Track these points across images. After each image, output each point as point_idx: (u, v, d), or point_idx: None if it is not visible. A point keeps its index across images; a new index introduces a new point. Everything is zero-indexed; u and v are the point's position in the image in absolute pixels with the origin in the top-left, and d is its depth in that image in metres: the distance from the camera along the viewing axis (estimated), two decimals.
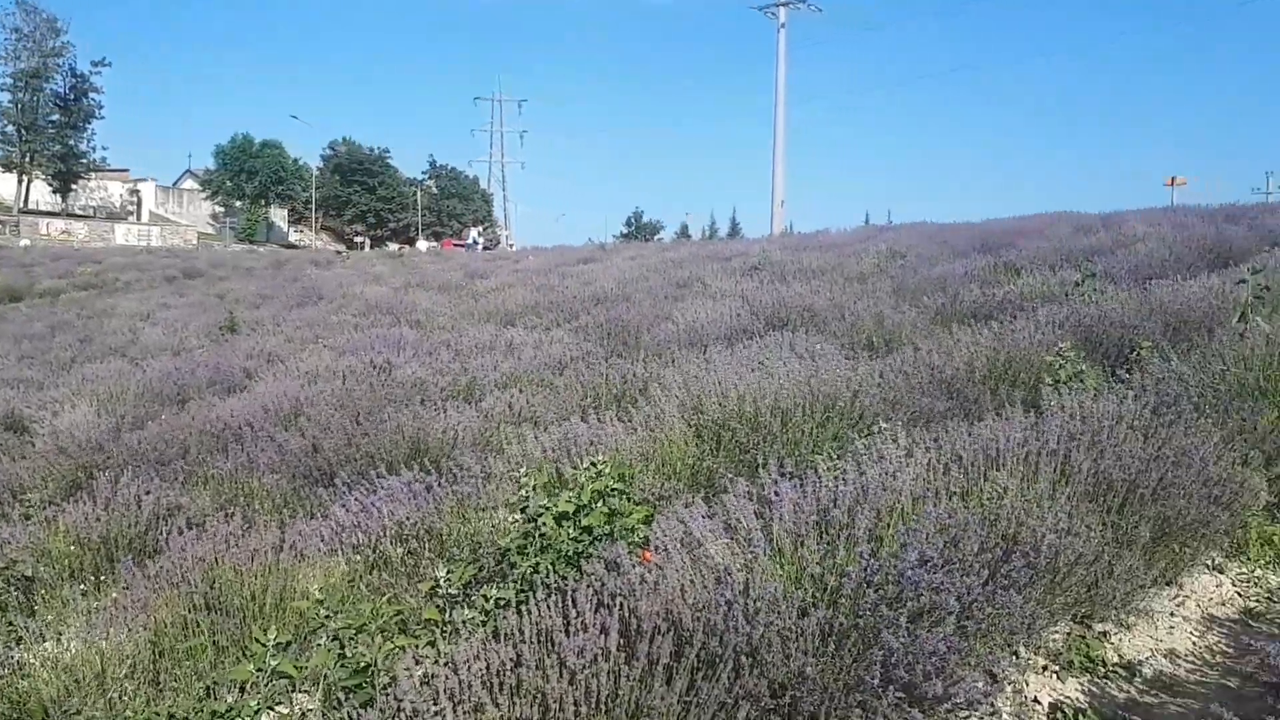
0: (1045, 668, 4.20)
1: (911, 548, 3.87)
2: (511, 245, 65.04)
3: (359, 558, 4.94)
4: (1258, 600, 4.64)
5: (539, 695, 3.11)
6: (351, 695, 3.29)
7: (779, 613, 3.55)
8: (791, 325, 10.58)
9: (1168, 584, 4.75)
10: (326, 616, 3.52)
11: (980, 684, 3.71)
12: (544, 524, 3.85)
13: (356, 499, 5.55)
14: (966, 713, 3.64)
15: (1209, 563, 4.97)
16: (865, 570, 3.74)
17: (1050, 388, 5.62)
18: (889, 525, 4.22)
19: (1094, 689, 4.09)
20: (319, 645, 3.50)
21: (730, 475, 4.98)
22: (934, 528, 4.08)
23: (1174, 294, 7.86)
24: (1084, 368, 5.88)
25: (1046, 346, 6.46)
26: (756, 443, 6.14)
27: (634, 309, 13.51)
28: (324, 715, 3.40)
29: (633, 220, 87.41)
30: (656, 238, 76.03)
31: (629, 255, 28.60)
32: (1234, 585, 4.80)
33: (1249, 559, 4.98)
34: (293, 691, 3.78)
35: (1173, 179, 30.53)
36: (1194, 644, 4.38)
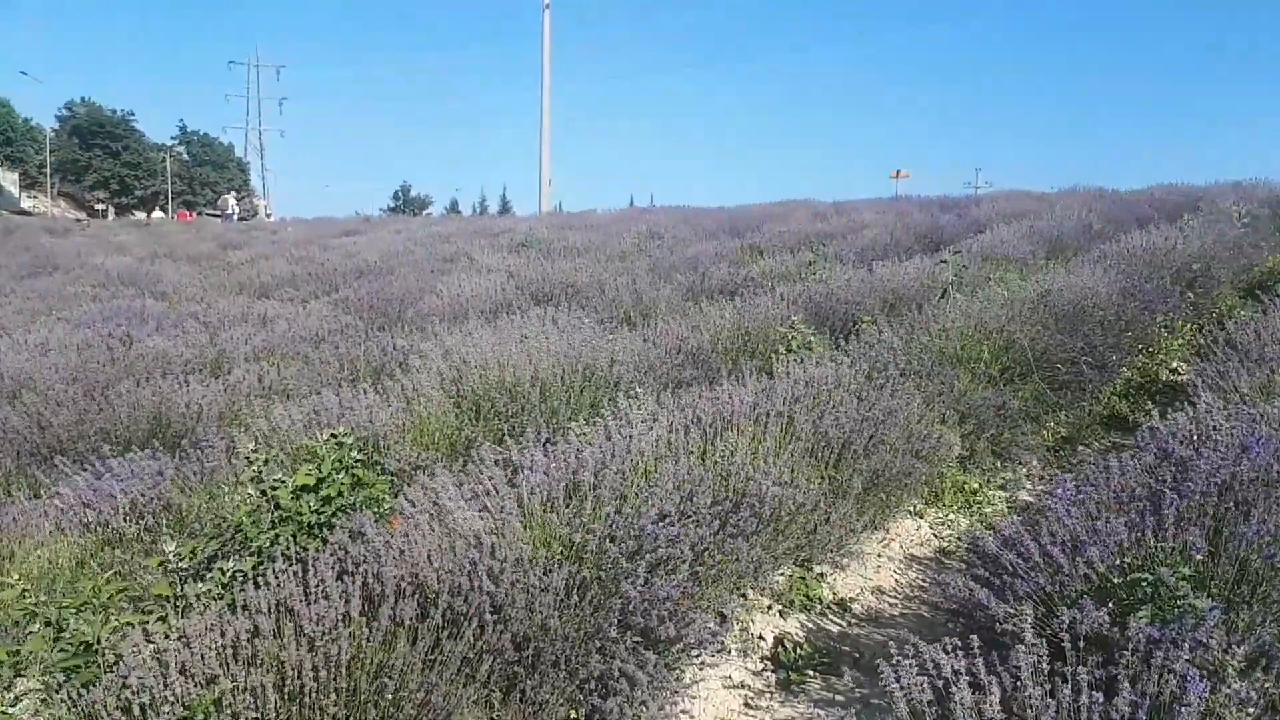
0: (770, 607, 4.59)
1: (652, 504, 4.14)
2: (270, 216, 61.78)
3: (91, 536, 4.70)
4: (949, 540, 5.25)
5: (277, 664, 3.12)
6: (73, 676, 3.16)
7: (524, 571, 3.71)
8: (555, 300, 10.79)
9: (877, 529, 5.29)
10: (37, 600, 3.35)
11: (711, 625, 4.02)
12: (280, 497, 3.82)
13: (87, 476, 5.26)
14: (698, 651, 3.94)
15: (911, 509, 5.57)
16: (610, 527, 3.97)
17: (781, 356, 6.07)
18: (633, 484, 4.45)
19: (812, 624, 4.51)
20: (33, 631, 3.34)
21: (488, 444, 5.10)
22: (672, 485, 4.36)
23: (892, 274, 8.69)
24: (812, 339, 6.40)
25: (781, 320, 6.96)
26: (515, 412, 6.27)
27: (398, 282, 13.30)
28: (44, 699, 3.26)
29: (400, 194, 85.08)
30: (425, 213, 74.44)
31: (395, 229, 27.98)
32: (931, 528, 5.41)
33: (944, 505, 5.62)
34: (15, 677, 3.59)
35: (897, 172, 33.22)
36: (897, 581, 4.91)
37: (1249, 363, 5.30)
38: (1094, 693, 2.53)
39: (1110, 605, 3.07)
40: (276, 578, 3.39)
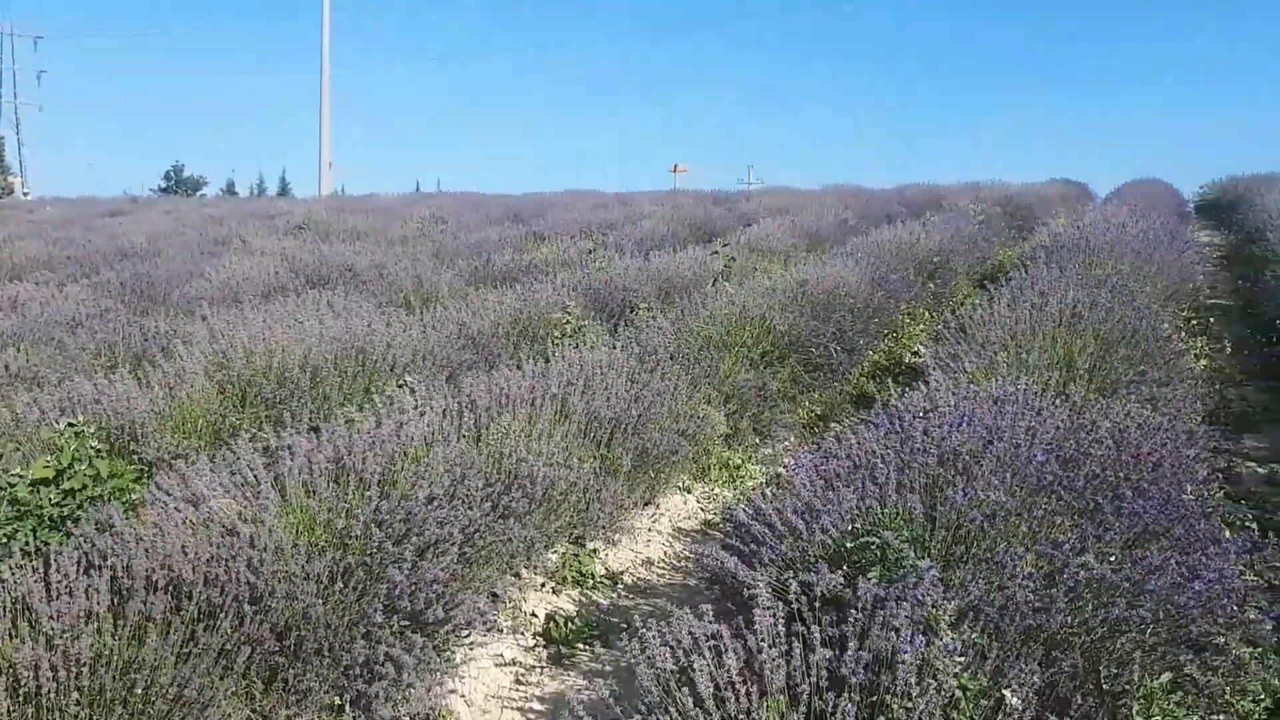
0: (543, 585, 4.71)
1: (421, 488, 4.16)
2: (28, 195, 56.40)
3: None
4: (714, 513, 5.55)
5: (8, 665, 2.95)
6: None
7: (285, 559, 3.64)
8: (332, 284, 10.50)
9: (648, 505, 5.53)
10: None
11: (481, 605, 4.08)
12: (17, 491, 3.59)
13: None
14: (467, 631, 4.00)
15: (680, 485, 5.85)
16: (375, 511, 3.95)
17: (559, 341, 6.20)
18: (402, 468, 4.44)
19: (584, 599, 4.67)
20: None
21: (254, 431, 4.95)
22: (443, 468, 4.39)
23: (668, 263, 9.04)
24: (587, 324, 6.58)
25: (560, 306, 7.09)
26: (284, 398, 6.09)
27: (165, 264, 12.54)
28: None
29: (172, 174, 79.46)
30: (199, 194, 69.92)
31: (165, 209, 26.29)
32: (699, 502, 5.70)
33: (710, 480, 5.94)
34: None
35: (676, 166, 34.28)
36: (665, 553, 5.15)
37: (975, 346, 5.87)
38: (825, 650, 2.78)
39: (845, 568, 3.36)
40: (13, 574, 3.20)
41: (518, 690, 3.96)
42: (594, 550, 5.02)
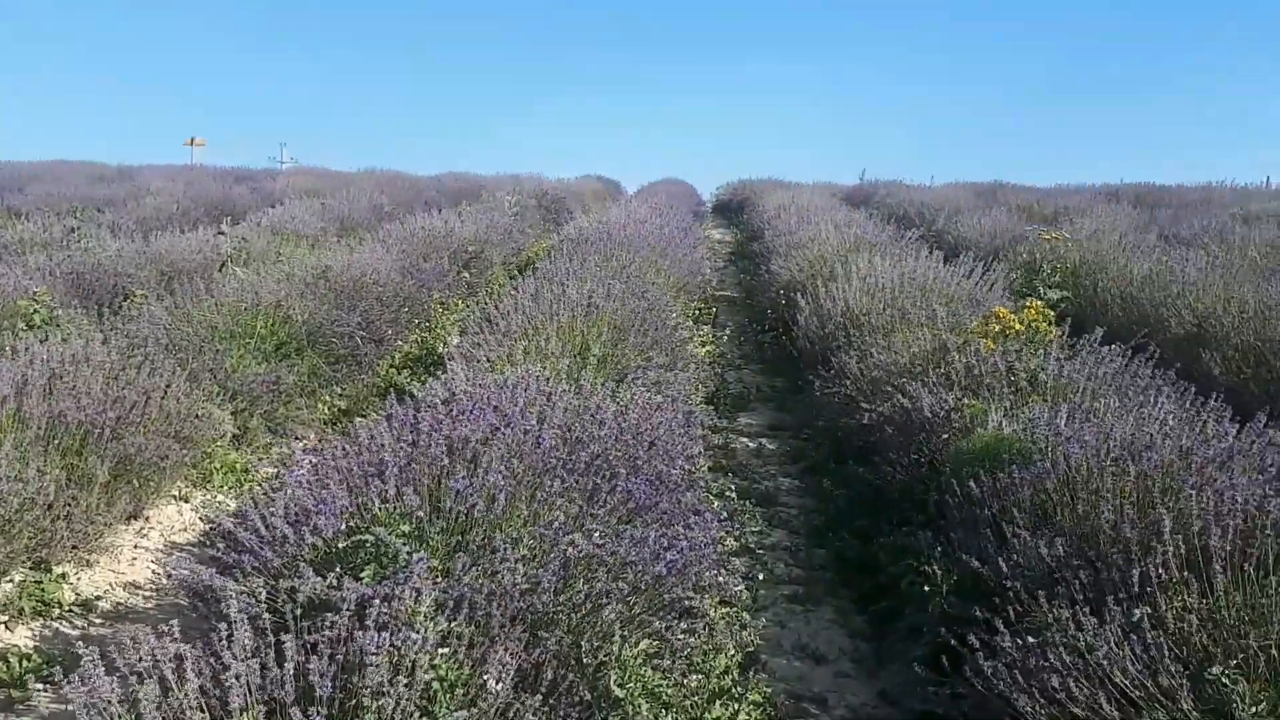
0: None
1: None
2: None
3: None
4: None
5: None
6: None
7: None
8: None
9: (133, 518, 4.86)
10: None
11: None
12: None
13: None
14: None
15: (176, 493, 5.23)
16: None
17: (22, 333, 5.27)
18: None
19: (47, 631, 3.99)
20: None
21: None
22: None
23: (172, 245, 8.18)
24: (60, 312, 5.68)
25: (26, 293, 6.06)
26: None
27: None
28: None
29: None
30: None
31: None
32: (197, 512, 5.13)
33: (214, 486, 5.38)
34: None
35: (192, 139, 31.59)
36: (155, 572, 4.55)
37: (497, 335, 5.90)
38: (307, 658, 2.54)
39: (339, 569, 3.13)
40: None
41: None
42: (63, 575, 4.31)
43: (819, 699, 3.73)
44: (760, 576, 4.52)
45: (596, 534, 3.19)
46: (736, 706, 3.20)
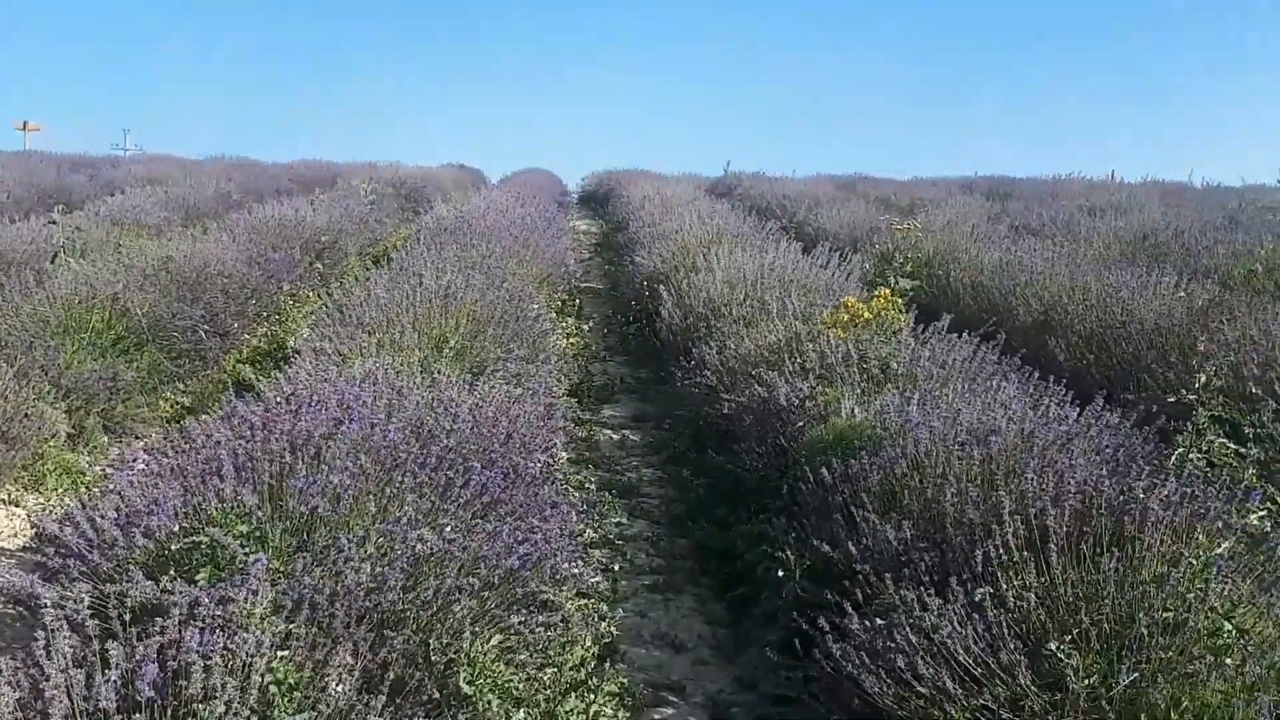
0: None
1: None
2: None
3: None
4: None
5: None
6: None
7: None
8: None
9: None
10: None
11: None
12: None
13: None
14: None
15: (5, 497, 4.88)
16: None
17: None
18: None
19: None
20: None
21: None
22: None
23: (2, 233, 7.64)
24: None
25: None
26: None
27: None
28: None
29: None
30: None
31: None
32: (29, 516, 4.79)
33: (47, 489, 5.03)
34: None
35: (25, 123, 29.66)
36: None
37: (350, 327, 5.70)
38: (127, 665, 2.39)
39: (173, 572, 2.96)
40: None
41: None
42: None
43: (677, 687, 3.74)
44: (617, 567, 4.51)
45: (448, 529, 3.10)
46: (592, 698, 3.16)
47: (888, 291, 5.46)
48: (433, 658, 2.71)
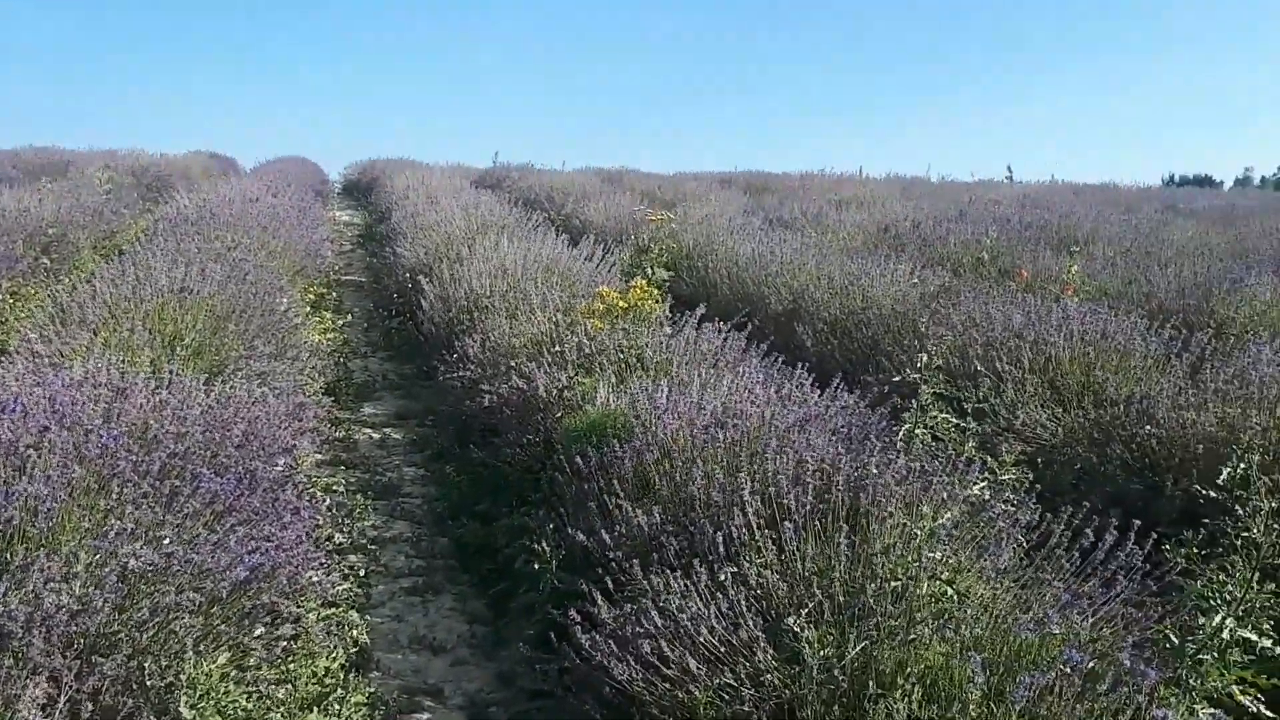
0: None
1: None
2: None
3: None
4: None
5: None
6: None
7: None
8: None
9: None
10: None
11: None
12: None
13: None
14: None
15: None
16: None
17: None
18: None
19: None
20: None
21: None
22: None
23: None
24: None
25: None
26: None
27: None
28: None
29: None
30: None
31: None
32: None
33: None
34: None
35: None
36: None
37: (72, 326, 5.20)
38: None
39: None
40: None
41: None
42: None
43: (435, 690, 3.62)
44: (363, 572, 4.34)
45: (167, 541, 2.85)
46: (339, 709, 3.01)
47: (644, 282, 5.52)
48: (149, 682, 2.47)
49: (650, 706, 2.73)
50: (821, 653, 2.69)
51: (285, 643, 2.89)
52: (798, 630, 2.73)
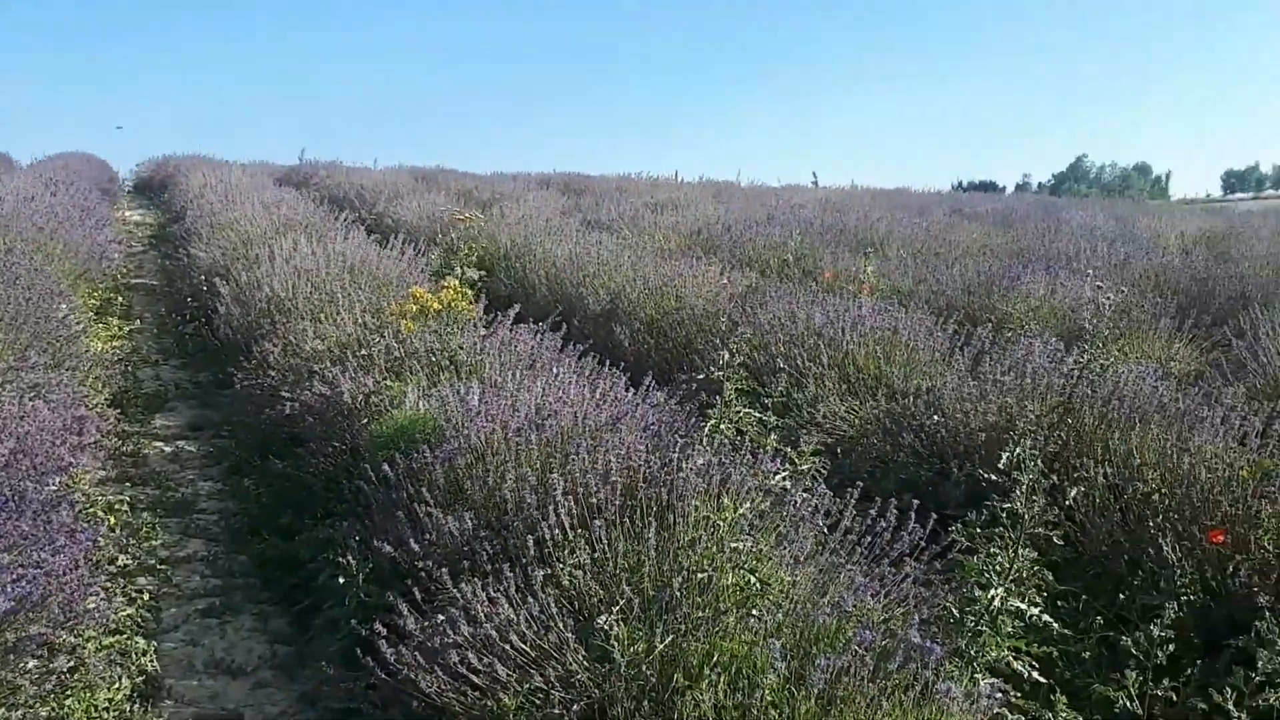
0: None
1: None
2: None
3: None
4: None
5: None
6: None
7: None
8: None
9: None
10: None
11: None
12: None
13: None
14: None
15: None
16: None
17: None
18: None
19: None
20: None
21: None
22: None
23: None
24: None
25: None
26: None
27: None
28: None
29: None
30: None
31: None
32: None
33: None
34: None
35: None
36: None
37: None
38: None
39: None
40: None
41: None
42: None
43: (233, 716, 3.43)
44: (152, 595, 4.07)
45: None
46: None
47: (456, 282, 5.42)
48: None
49: (460, 717, 2.67)
50: (630, 649, 2.71)
51: (60, 676, 2.66)
52: (608, 629, 2.73)
